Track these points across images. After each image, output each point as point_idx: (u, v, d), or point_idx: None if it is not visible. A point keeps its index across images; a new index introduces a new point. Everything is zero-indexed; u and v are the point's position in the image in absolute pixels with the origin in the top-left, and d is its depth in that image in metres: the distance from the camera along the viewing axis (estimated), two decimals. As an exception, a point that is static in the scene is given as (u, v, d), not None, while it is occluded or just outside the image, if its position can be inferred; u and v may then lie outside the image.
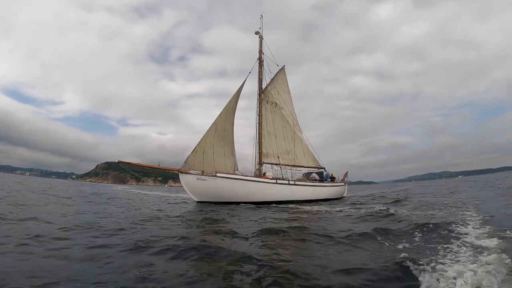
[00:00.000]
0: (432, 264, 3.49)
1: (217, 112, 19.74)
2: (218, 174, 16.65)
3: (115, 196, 22.03)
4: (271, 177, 18.65)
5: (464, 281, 2.98)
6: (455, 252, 4.12)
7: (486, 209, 8.60)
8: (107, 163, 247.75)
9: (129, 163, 17.05)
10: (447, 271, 3.26)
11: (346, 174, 24.46)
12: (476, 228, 5.64)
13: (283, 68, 24.22)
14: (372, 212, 9.40)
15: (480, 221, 6.44)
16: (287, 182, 18.49)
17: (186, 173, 16.76)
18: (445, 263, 3.57)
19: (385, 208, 10.17)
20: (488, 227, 5.68)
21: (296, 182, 19.04)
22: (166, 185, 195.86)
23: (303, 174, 22.28)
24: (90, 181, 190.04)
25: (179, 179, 17.07)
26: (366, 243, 5.09)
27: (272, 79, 22.80)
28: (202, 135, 18.83)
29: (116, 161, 16.87)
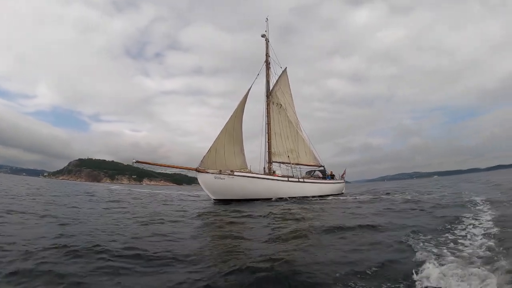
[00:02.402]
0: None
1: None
2: (235, 173, 17.44)
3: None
4: (281, 175, 19.75)
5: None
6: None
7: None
8: (80, 160, 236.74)
9: (146, 162, 17.36)
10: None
11: (344, 172, 26.13)
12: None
13: (285, 70, 25.24)
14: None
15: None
16: (297, 179, 19.68)
17: (204, 172, 17.38)
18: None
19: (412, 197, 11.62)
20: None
21: (305, 180, 20.29)
22: (147, 183, 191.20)
23: (306, 172, 23.60)
24: (63, 179, 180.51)
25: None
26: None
27: (276, 81, 23.79)
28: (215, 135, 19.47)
29: (134, 161, 17.07)
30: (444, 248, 4.29)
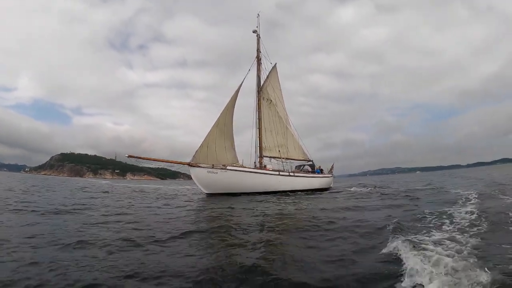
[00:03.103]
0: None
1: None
2: (228, 167, 17.74)
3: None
4: (272, 169, 20.21)
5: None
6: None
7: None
8: (62, 154, 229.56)
9: (139, 157, 17.41)
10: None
11: (332, 167, 26.85)
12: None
13: (275, 65, 25.52)
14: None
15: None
16: (287, 174, 20.20)
17: (196, 166, 17.60)
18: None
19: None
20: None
21: (296, 174, 20.85)
22: (130, 178, 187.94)
23: (295, 167, 24.15)
24: (45, 174, 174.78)
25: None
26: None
27: (267, 77, 24.08)
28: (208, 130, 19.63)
29: (127, 155, 17.11)
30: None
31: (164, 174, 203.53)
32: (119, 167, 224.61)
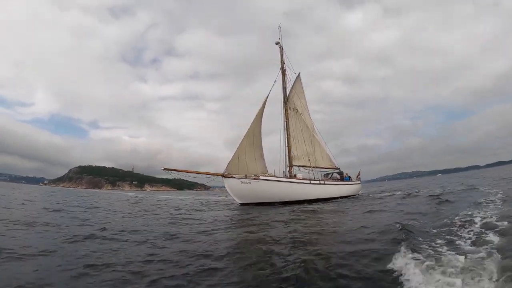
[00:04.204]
0: None
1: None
2: (261, 177, 17.98)
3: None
4: (302, 178, 20.32)
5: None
6: None
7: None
8: (80, 167, 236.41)
9: (175, 169, 17.88)
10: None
11: (359, 173, 26.69)
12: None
13: (299, 75, 25.86)
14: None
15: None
16: (318, 182, 20.25)
17: (230, 177, 17.92)
18: None
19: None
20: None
21: (326, 182, 20.88)
22: (148, 189, 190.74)
23: (324, 175, 24.15)
24: (63, 186, 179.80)
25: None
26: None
27: (292, 86, 24.41)
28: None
29: (163, 168, 17.63)
30: None
31: (181, 184, 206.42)
32: (137, 179, 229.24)
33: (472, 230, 5.66)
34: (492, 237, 4.94)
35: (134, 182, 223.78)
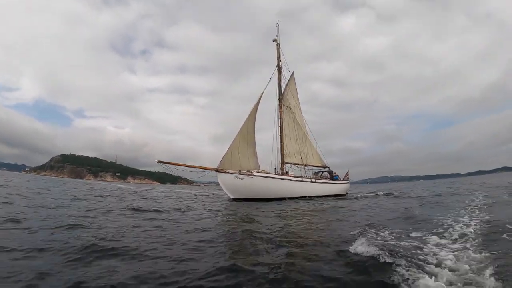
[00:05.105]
0: None
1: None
2: (254, 173, 18.20)
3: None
4: (293, 176, 20.69)
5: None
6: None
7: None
8: (62, 155, 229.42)
9: (169, 163, 17.82)
10: None
11: (347, 173, 27.34)
12: None
13: (293, 73, 26.11)
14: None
15: None
16: (309, 180, 20.68)
17: (223, 172, 18.04)
18: None
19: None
20: None
21: (317, 180, 21.35)
22: (133, 181, 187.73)
23: (314, 173, 24.64)
24: (45, 175, 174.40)
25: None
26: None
27: (286, 84, 24.64)
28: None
29: (156, 161, 17.57)
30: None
31: (163, 178, 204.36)
32: (119, 170, 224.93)
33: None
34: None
35: (116, 174, 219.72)
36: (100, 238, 4.96)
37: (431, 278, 3.01)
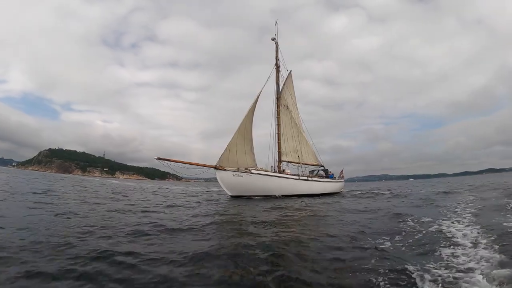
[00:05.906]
0: None
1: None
2: (252, 171, 18.41)
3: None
4: (290, 174, 21.02)
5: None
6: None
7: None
8: (50, 150, 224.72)
9: (168, 159, 17.84)
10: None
11: (342, 172, 27.86)
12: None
13: (290, 72, 26.34)
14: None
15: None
16: (306, 178, 21.04)
17: (222, 169, 18.18)
18: None
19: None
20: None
21: (313, 179, 21.73)
22: (121, 177, 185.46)
23: (309, 171, 25.02)
24: (32, 170, 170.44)
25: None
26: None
27: (284, 83, 24.87)
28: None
29: (156, 157, 17.56)
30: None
31: (152, 174, 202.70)
32: (108, 165, 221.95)
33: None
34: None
35: (105, 169, 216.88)
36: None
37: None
